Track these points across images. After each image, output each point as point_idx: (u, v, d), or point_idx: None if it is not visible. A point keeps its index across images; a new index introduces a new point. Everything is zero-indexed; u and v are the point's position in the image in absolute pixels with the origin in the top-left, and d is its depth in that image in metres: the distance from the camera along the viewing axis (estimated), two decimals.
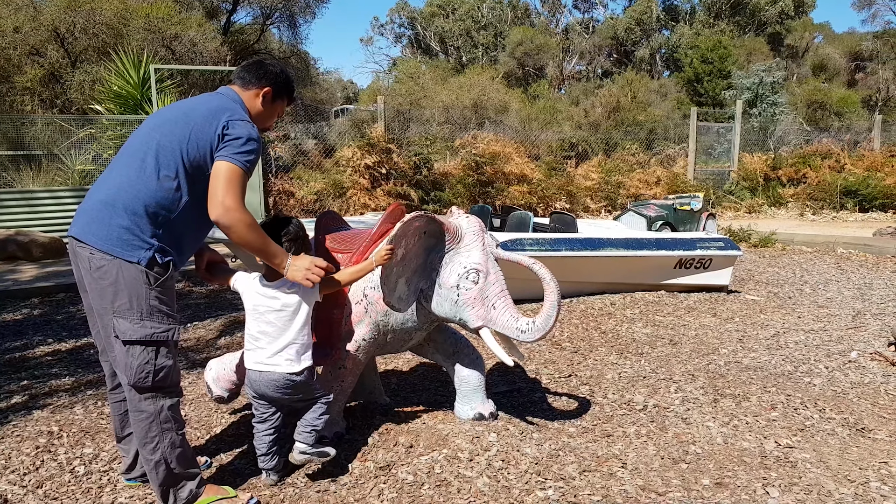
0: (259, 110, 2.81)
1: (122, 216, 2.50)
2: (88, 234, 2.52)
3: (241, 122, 2.61)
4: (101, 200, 2.55)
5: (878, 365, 4.59)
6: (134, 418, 2.61)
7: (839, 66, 37.64)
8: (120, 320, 2.50)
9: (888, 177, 14.81)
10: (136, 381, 2.53)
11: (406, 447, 3.21)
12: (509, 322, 3.13)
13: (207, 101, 2.71)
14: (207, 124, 2.58)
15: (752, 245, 10.32)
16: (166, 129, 2.61)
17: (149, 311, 2.52)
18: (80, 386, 4.22)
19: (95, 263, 2.50)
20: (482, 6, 42.82)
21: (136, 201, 2.51)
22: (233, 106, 2.69)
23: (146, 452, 2.59)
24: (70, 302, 6.48)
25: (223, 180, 2.52)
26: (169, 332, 2.57)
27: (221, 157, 2.55)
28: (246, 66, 2.86)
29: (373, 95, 25.69)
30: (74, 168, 10.01)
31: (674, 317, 6.02)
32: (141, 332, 2.51)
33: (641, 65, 38.52)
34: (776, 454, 3.21)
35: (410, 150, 12.47)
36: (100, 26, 14.47)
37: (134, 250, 2.49)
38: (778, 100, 23.60)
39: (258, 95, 2.80)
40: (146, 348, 2.52)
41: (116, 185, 2.56)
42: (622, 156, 16.46)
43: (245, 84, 2.80)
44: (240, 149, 2.56)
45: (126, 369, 2.54)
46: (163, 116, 2.69)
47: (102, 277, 2.50)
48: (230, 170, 2.53)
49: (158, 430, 2.57)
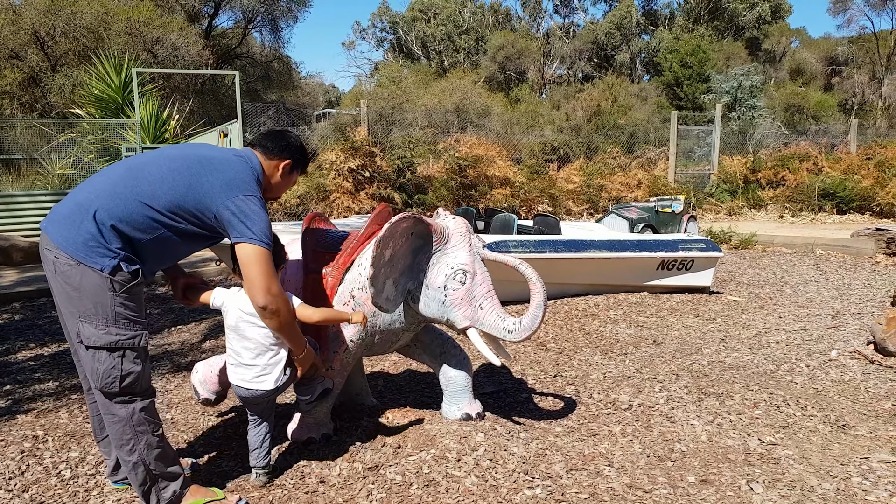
0: (277, 180, 2.87)
1: (92, 223, 2.46)
2: (56, 234, 2.49)
3: (252, 200, 2.59)
4: (79, 203, 2.52)
5: (857, 363, 4.66)
6: (107, 421, 2.58)
7: (815, 70, 38.21)
8: (85, 325, 2.47)
9: (865, 179, 15.06)
10: (102, 386, 2.51)
11: (394, 448, 3.22)
12: (496, 322, 3.15)
13: (229, 165, 2.66)
14: (219, 190, 2.55)
15: (732, 246, 10.44)
16: (176, 165, 2.60)
17: (114, 318, 2.48)
18: (65, 390, 4.19)
19: (60, 267, 2.47)
20: (463, 11, 42.93)
21: (109, 214, 2.48)
22: (250, 179, 2.66)
23: (123, 454, 2.58)
24: (51, 306, 6.42)
25: (260, 266, 2.54)
26: (135, 338, 2.53)
27: (246, 241, 2.53)
28: (269, 136, 2.91)
29: (355, 99, 25.69)
30: (55, 171, 9.93)
31: (657, 317, 6.08)
32: (105, 339, 2.47)
33: (622, 69, 38.82)
34: (760, 451, 3.26)
35: (394, 154, 12.48)
36: (80, 30, 14.37)
37: (98, 257, 2.45)
38: (756, 103, 23.92)
39: (279, 167, 2.85)
40: (112, 354, 2.49)
41: (98, 193, 2.53)
42: (603, 159, 16.59)
43: (267, 153, 2.84)
44: (258, 227, 2.55)
45: (93, 374, 2.51)
46: (181, 152, 2.69)
47: (67, 281, 2.46)
48: (260, 254, 2.54)
49: (133, 433, 2.55)
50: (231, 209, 2.54)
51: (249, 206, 2.57)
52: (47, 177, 9.96)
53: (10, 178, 9.79)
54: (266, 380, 2.80)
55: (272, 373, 2.80)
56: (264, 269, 2.55)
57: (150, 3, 17.34)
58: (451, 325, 3.22)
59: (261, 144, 2.86)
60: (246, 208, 2.56)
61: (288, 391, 3.28)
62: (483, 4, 44.79)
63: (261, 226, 2.56)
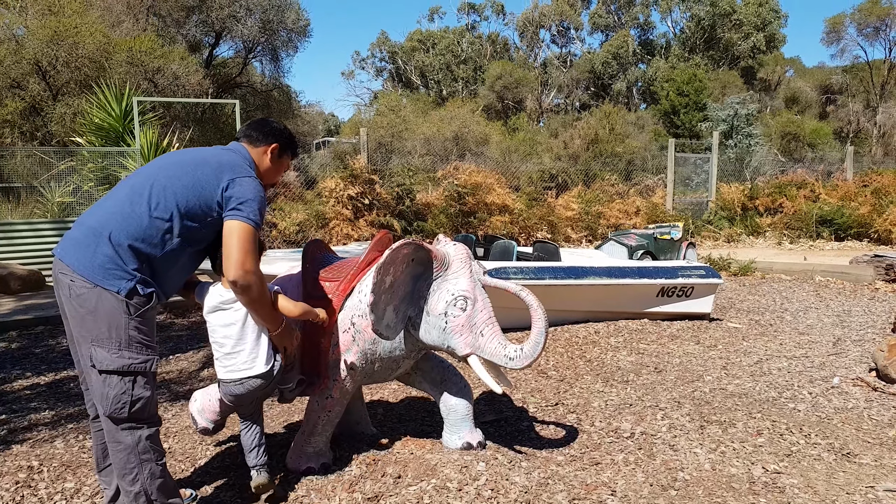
0: (268, 166, 2.92)
1: (107, 245, 2.50)
2: (72, 259, 2.52)
3: (246, 180, 2.68)
4: (91, 227, 2.55)
5: (860, 390, 4.63)
6: (112, 449, 2.57)
7: (810, 98, 38.57)
8: (97, 349, 2.48)
9: (861, 206, 15.12)
10: (112, 412, 2.50)
11: (394, 478, 3.18)
12: (497, 349, 3.13)
13: (218, 155, 2.77)
14: (214, 177, 2.64)
15: (732, 273, 10.44)
16: (172, 171, 2.65)
17: (127, 342, 2.50)
18: (61, 419, 4.15)
19: (76, 291, 2.49)
20: (462, 41, 43.48)
21: (124, 234, 2.52)
22: (241, 162, 2.76)
23: (125, 484, 2.55)
24: (49, 335, 6.38)
25: (238, 240, 2.57)
26: (147, 363, 2.55)
27: (233, 216, 2.60)
28: (252, 125, 2.95)
29: (354, 128, 25.87)
30: (54, 200, 9.94)
31: (658, 344, 6.05)
32: (118, 363, 2.48)
33: (618, 97, 39.21)
34: (764, 480, 3.22)
35: (393, 181, 12.53)
36: (82, 59, 14.46)
37: (115, 280, 2.48)
38: (753, 131, 24.09)
39: (266, 152, 2.90)
40: (123, 378, 2.50)
41: (109, 215, 2.56)
42: (601, 186, 16.65)
43: (253, 142, 2.90)
44: (249, 206, 2.62)
45: (102, 399, 2.51)
46: (171, 159, 2.74)
47: (82, 305, 2.48)
48: (243, 229, 2.58)
49: (137, 461, 2.54)
50: (227, 192, 2.62)
51: (243, 187, 2.64)
52: (46, 205, 9.96)
53: (10, 207, 9.80)
54: (255, 363, 2.80)
55: (259, 355, 2.80)
56: (243, 245, 2.57)
57: (152, 34, 17.52)
58: (452, 353, 3.20)
59: (245, 135, 2.91)
60: (240, 189, 2.64)
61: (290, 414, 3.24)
62: (481, 35, 45.37)
63: (252, 206, 2.63)
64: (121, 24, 17.71)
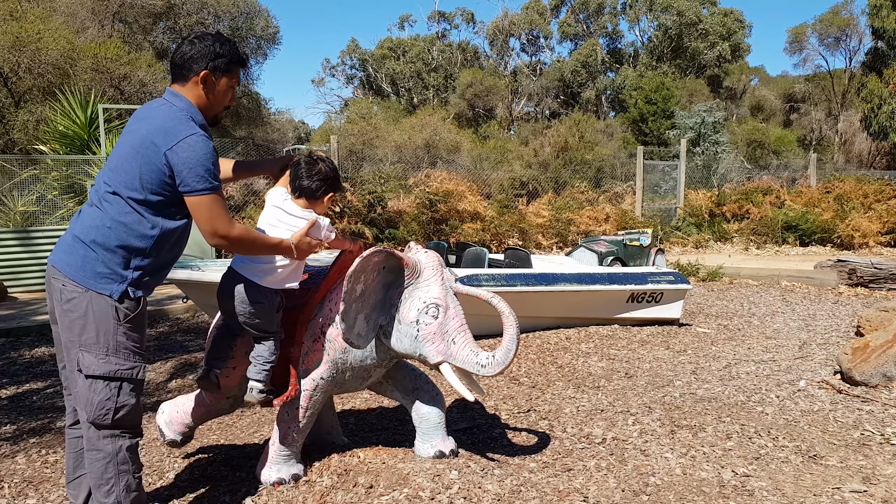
0: (204, 99, 2.61)
1: (96, 251, 2.48)
2: (64, 264, 2.50)
3: (181, 144, 2.44)
4: (75, 236, 2.53)
5: (825, 393, 4.71)
6: (90, 458, 2.52)
7: (775, 106, 39.38)
8: (85, 354, 2.46)
9: (825, 212, 15.45)
10: (95, 418, 2.47)
11: (366, 488, 3.15)
12: (469, 357, 3.12)
13: (155, 116, 2.54)
14: (153, 154, 2.45)
15: (700, 279, 10.57)
16: (122, 150, 2.55)
17: (115, 347, 2.48)
18: (23, 434, 4.05)
19: (66, 295, 2.47)
20: (432, 49, 43.57)
21: (108, 239, 2.49)
22: (171, 122, 2.49)
23: (100, 495, 2.50)
24: (10, 347, 6.23)
25: (204, 213, 2.49)
26: (134, 369, 2.52)
27: (189, 193, 2.47)
28: (172, 60, 2.63)
29: (325, 135, 25.74)
30: (16, 209, 9.73)
31: (628, 350, 6.09)
32: (105, 368, 2.46)
33: (588, 105, 39.60)
34: (734, 483, 3.25)
35: (364, 189, 12.49)
36: (46, 66, 14.21)
37: (107, 283, 2.47)
38: (720, 139, 24.51)
39: (197, 84, 2.58)
40: (109, 384, 2.47)
41: (90, 220, 2.53)
42: (571, 193, 16.80)
43: (180, 79, 2.60)
44: (198, 172, 2.45)
45: (86, 404, 2.48)
46: (118, 156, 2.58)
47: (72, 310, 2.46)
48: (202, 201, 2.48)
49: (115, 472, 2.50)
50: (173, 160, 2.44)
51: (181, 154, 2.43)
52: (9, 214, 9.75)
53: None
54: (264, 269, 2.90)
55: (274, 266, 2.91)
56: (206, 215, 2.49)
57: (118, 40, 17.28)
58: (424, 361, 3.18)
59: (171, 76, 2.64)
60: (178, 159, 2.43)
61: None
62: (452, 43, 45.52)
63: (199, 170, 2.44)
64: (85, 30, 17.44)
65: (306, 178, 2.96)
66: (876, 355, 4.78)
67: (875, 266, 9.59)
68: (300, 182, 2.96)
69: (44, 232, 9.23)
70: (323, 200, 3.05)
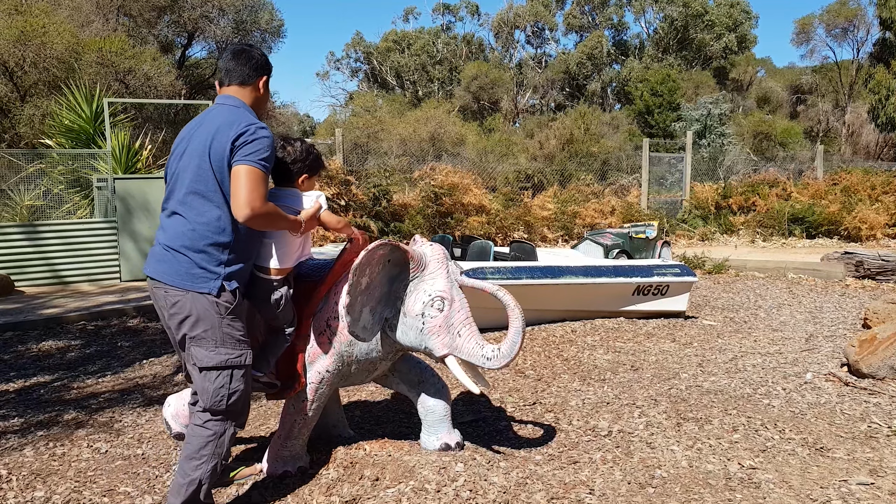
0: (261, 99, 2.91)
1: (187, 254, 2.63)
2: (161, 273, 2.69)
3: (247, 130, 2.64)
4: (165, 245, 2.69)
5: (832, 385, 4.70)
6: (193, 432, 2.69)
7: (781, 98, 39.14)
8: (196, 348, 2.68)
9: (832, 204, 15.38)
10: (212, 405, 2.68)
11: (372, 480, 3.15)
12: (475, 349, 3.11)
13: (215, 121, 2.71)
14: (223, 142, 2.63)
15: (706, 272, 10.54)
16: (190, 168, 2.67)
17: (222, 339, 2.68)
18: (31, 427, 4.06)
19: (171, 300, 2.67)
20: (437, 42, 43.45)
21: (195, 241, 2.63)
22: (237, 117, 2.70)
23: (188, 467, 2.65)
24: (18, 341, 6.25)
25: (245, 181, 2.58)
26: (241, 356, 2.72)
27: (238, 162, 2.61)
28: (238, 62, 2.84)
29: (330, 129, 25.74)
30: (23, 203, 9.75)
31: (634, 343, 6.09)
32: (216, 359, 2.67)
33: (593, 98, 39.46)
34: (740, 476, 3.25)
35: (369, 182, 12.48)
36: (51, 60, 14.21)
37: (204, 282, 2.64)
38: (725, 131, 24.40)
39: (258, 87, 2.88)
40: (221, 373, 2.68)
41: (172, 231, 2.68)
42: (577, 186, 16.74)
43: (244, 81, 2.84)
44: (254, 149, 2.62)
45: (203, 393, 2.69)
46: (183, 162, 2.71)
47: (178, 312, 2.67)
48: (249, 172, 2.59)
49: (211, 452, 2.67)
50: (237, 142, 2.62)
51: (251, 136, 2.63)
52: (15, 209, 9.77)
53: None
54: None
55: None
56: (248, 185, 2.59)
57: (123, 34, 17.28)
58: (429, 354, 3.18)
59: (233, 75, 2.84)
60: (248, 137, 2.63)
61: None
62: (456, 35, 45.39)
63: (256, 147, 2.62)
64: (90, 24, 17.44)
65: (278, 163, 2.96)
66: (883, 348, 4.76)
67: (882, 258, 9.55)
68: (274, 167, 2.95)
69: (50, 226, 9.24)
70: (299, 182, 3.04)
